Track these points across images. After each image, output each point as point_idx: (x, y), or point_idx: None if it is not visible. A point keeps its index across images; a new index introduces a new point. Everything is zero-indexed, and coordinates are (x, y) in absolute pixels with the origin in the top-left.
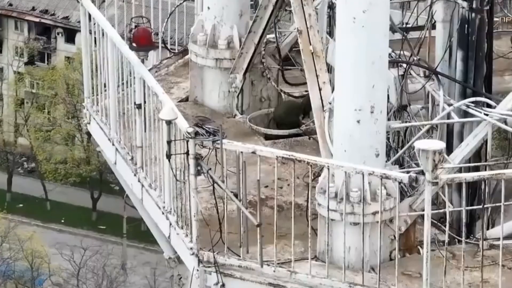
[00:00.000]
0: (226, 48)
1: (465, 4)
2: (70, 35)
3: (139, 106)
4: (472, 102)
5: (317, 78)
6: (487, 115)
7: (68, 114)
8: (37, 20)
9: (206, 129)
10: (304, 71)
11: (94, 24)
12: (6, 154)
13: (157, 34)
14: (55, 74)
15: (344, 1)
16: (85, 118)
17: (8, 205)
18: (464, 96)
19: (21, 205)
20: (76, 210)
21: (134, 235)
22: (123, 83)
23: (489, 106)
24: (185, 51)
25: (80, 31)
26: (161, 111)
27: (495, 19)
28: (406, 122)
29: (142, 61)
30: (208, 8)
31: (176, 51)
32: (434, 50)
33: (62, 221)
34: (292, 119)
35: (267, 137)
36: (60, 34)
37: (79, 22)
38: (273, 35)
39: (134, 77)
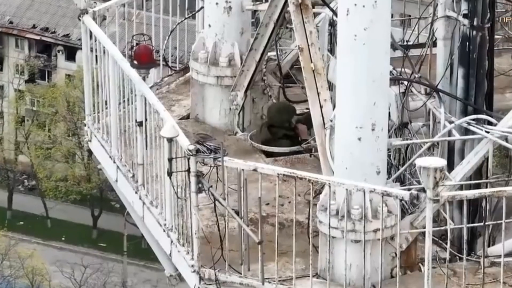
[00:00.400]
0: (227, 66)
1: (466, 21)
2: (71, 53)
3: (140, 124)
4: (473, 120)
5: (318, 96)
6: (488, 132)
7: (68, 131)
8: (37, 38)
9: (207, 146)
10: (305, 89)
11: (95, 41)
12: (6, 171)
13: (158, 51)
14: (56, 91)
15: (345, 19)
16: (86, 136)
17: (9, 223)
18: (465, 113)
19: (21, 222)
20: (76, 228)
21: (135, 252)
22: (124, 101)
23: (490, 123)
24: (186, 69)
25: (80, 48)
26: (162, 129)
27: (496, 36)
28: (407, 139)
29: (143, 79)
30: (209, 25)
31: (177, 68)
32: (435, 68)
33: (63, 238)
34: (284, 118)
35: (268, 154)
36: (60, 52)
37: (79, 39)
38: (274, 53)
39: (135, 95)
